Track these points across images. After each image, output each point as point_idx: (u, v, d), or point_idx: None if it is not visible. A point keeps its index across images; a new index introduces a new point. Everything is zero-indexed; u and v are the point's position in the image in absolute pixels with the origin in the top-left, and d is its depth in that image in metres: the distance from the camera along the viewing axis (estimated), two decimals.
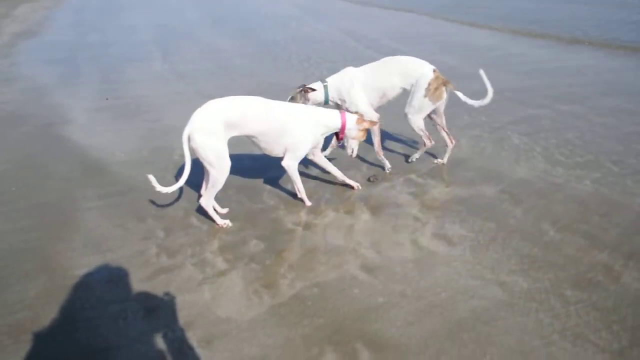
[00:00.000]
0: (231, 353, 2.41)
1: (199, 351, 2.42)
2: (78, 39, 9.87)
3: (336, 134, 3.67)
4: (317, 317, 2.62)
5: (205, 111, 3.26)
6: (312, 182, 4.04)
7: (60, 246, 3.29)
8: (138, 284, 2.91)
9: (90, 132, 5.25)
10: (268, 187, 3.99)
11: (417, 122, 4.00)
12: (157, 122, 5.53)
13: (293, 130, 3.43)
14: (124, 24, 11.18)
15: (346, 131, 3.61)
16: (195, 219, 3.55)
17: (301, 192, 3.68)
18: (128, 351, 2.43)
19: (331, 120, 3.55)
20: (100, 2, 13.69)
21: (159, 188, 3.23)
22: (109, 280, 2.95)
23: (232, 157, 3.37)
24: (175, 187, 3.27)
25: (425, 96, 3.87)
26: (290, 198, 3.81)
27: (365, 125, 3.62)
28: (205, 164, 3.29)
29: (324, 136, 3.65)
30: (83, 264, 3.09)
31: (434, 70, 3.89)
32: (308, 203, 3.71)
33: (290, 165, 3.52)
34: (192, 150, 3.26)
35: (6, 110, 5.95)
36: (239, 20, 11.17)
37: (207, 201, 3.41)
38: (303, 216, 3.58)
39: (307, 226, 3.47)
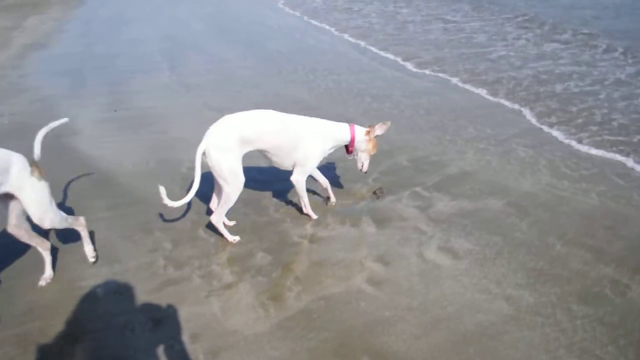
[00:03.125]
0: None
1: None
2: (85, 51, 9.95)
3: (346, 147, 3.67)
4: (324, 330, 2.64)
5: (221, 127, 3.24)
6: (319, 196, 4.06)
7: (69, 257, 3.31)
8: (145, 296, 2.93)
9: (99, 144, 5.28)
10: (274, 200, 4.01)
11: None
12: (164, 133, 5.57)
13: (305, 145, 3.43)
14: (130, 36, 11.27)
15: (356, 144, 3.62)
16: (202, 232, 3.57)
17: (307, 207, 3.70)
18: None
19: (341, 133, 3.56)
20: (108, 13, 13.82)
21: (167, 201, 3.22)
22: (117, 292, 2.97)
23: None
24: (183, 201, 3.25)
25: None
26: (296, 211, 3.83)
27: (377, 131, 3.58)
28: (220, 180, 3.28)
29: (332, 150, 3.67)
30: (91, 275, 3.12)
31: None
32: (314, 217, 3.72)
33: (299, 180, 3.53)
34: (206, 166, 3.26)
35: (16, 122, 5.99)
36: (243, 32, 11.27)
37: (219, 218, 3.38)
38: (309, 229, 3.60)
39: (313, 239, 3.49)
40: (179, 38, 10.93)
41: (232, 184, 3.24)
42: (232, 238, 3.44)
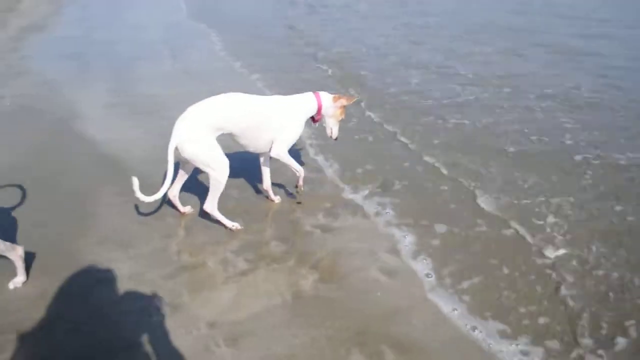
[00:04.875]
0: (258, 351, 2.44)
1: (225, 349, 2.44)
2: (86, 35, 9.85)
3: (312, 117, 3.62)
4: (342, 318, 2.65)
5: (188, 120, 3.18)
6: (329, 187, 4.07)
7: (82, 242, 3.29)
8: (161, 281, 2.92)
9: (105, 128, 5.24)
10: (282, 190, 4.00)
11: None
12: (172, 120, 5.51)
13: (276, 123, 3.41)
14: (131, 22, 11.18)
15: (323, 110, 3.58)
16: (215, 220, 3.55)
17: (300, 172, 3.57)
18: (153, 348, 2.44)
19: (308, 103, 3.53)
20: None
21: (140, 195, 3.15)
22: (131, 277, 2.95)
23: (246, 159, 3.36)
24: (155, 197, 3.17)
25: None
26: (306, 200, 3.82)
27: (343, 102, 3.58)
28: (205, 169, 3.24)
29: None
30: (105, 260, 3.10)
31: None
32: (301, 183, 3.61)
33: (281, 152, 3.46)
34: (184, 159, 3.24)
35: (19, 104, 5.93)
36: (248, 18, 11.23)
37: (212, 205, 3.33)
38: (321, 219, 3.60)
39: (325, 229, 3.49)
40: (180, 25, 10.86)
41: (217, 168, 3.21)
42: (232, 224, 3.40)
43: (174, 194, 3.56)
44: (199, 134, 3.16)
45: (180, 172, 3.50)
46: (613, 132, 5.24)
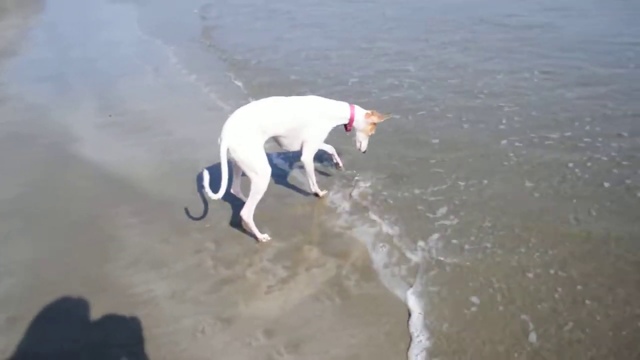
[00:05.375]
0: (320, 355, 2.46)
1: (288, 357, 2.44)
2: (59, 56, 9.56)
3: (345, 125, 3.74)
4: (392, 314, 2.68)
5: (240, 120, 3.24)
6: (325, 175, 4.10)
7: (109, 265, 3.22)
8: (204, 297, 2.90)
9: (103, 150, 5.12)
10: (300, 194, 4.01)
11: None
12: (169, 135, 5.45)
13: (313, 124, 3.53)
14: (104, 40, 10.92)
15: (354, 124, 3.70)
16: (242, 229, 3.53)
17: (314, 186, 3.79)
18: None
19: (342, 112, 3.65)
20: (72, 19, 13.31)
21: (209, 192, 3.16)
22: (173, 296, 2.92)
23: None
24: (219, 195, 3.16)
25: None
26: (326, 203, 3.84)
27: (375, 119, 3.69)
28: (248, 173, 3.27)
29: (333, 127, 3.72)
30: (140, 281, 3.05)
31: None
32: (321, 193, 3.86)
33: (309, 159, 3.61)
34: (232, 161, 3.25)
35: (7, 132, 5.72)
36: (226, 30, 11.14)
37: (249, 211, 3.34)
38: (348, 219, 3.62)
39: (353, 228, 3.51)
40: (152, 40, 10.67)
41: (261, 174, 3.25)
42: (262, 236, 3.40)
43: (237, 190, 3.72)
44: (252, 135, 3.23)
45: (235, 169, 3.56)
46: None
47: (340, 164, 3.98)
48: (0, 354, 2.54)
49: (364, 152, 3.91)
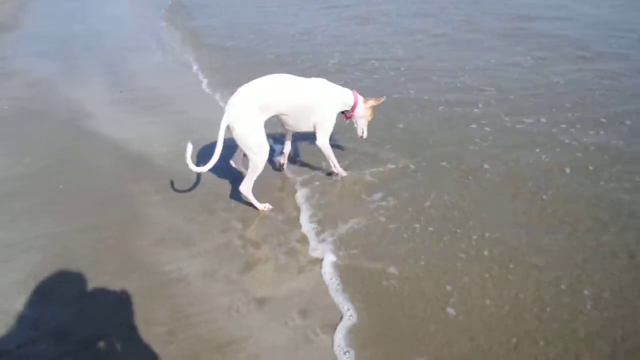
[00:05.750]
0: (354, 334, 2.46)
1: (325, 337, 2.45)
2: (63, 31, 9.41)
3: (344, 112, 3.75)
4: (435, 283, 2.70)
5: (241, 98, 3.26)
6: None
7: (140, 243, 3.22)
8: (236, 276, 2.90)
9: (119, 126, 5.07)
10: (320, 173, 3.99)
11: None
12: (183, 113, 5.40)
13: (323, 106, 3.53)
14: (106, 14, 10.75)
15: (356, 110, 3.71)
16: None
17: (337, 167, 3.80)
18: (256, 342, 2.43)
19: (347, 97, 3.66)
20: None
21: (190, 164, 3.21)
22: (205, 275, 2.91)
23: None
24: (204, 168, 3.26)
25: None
26: (345, 181, 3.84)
27: (372, 102, 3.72)
28: (246, 150, 3.32)
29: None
30: (169, 259, 3.05)
31: None
32: (344, 174, 3.85)
33: (324, 142, 3.65)
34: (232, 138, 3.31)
35: (18, 107, 5.65)
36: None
37: (248, 186, 3.42)
38: (377, 197, 3.60)
39: (383, 208, 3.48)
40: (153, 16, 10.48)
41: (258, 152, 3.30)
42: (262, 206, 3.49)
43: (238, 165, 3.76)
44: (252, 113, 3.25)
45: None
46: None
47: (284, 165, 3.95)
48: (32, 331, 2.54)
49: (364, 139, 3.91)
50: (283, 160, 3.96)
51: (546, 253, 2.97)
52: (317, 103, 3.50)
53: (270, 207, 3.52)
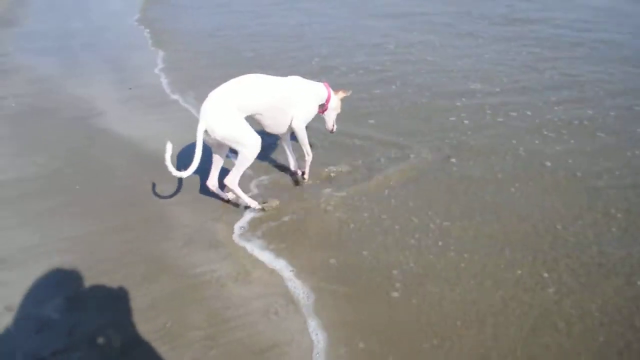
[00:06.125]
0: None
1: (364, 346, 2.40)
2: (61, 26, 9.24)
3: (320, 106, 3.68)
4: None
5: (214, 100, 3.15)
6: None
7: (166, 245, 3.14)
8: (268, 277, 2.84)
9: (130, 123, 4.96)
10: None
11: None
12: (192, 110, 5.30)
13: (299, 103, 3.46)
14: (106, 9, 10.58)
15: (329, 102, 3.65)
16: (292, 209, 3.46)
17: (309, 157, 3.65)
18: (298, 345, 2.38)
19: (321, 91, 3.60)
20: None
21: (171, 168, 3.12)
22: (237, 278, 2.85)
23: None
24: (183, 174, 3.15)
25: None
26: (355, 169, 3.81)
27: (342, 94, 3.71)
28: (237, 147, 3.22)
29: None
30: (201, 261, 2.98)
31: None
32: (306, 177, 3.72)
33: (300, 125, 3.50)
34: (215, 141, 3.21)
35: (25, 104, 5.51)
36: None
37: (234, 179, 3.29)
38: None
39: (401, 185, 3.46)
40: (154, 11, 10.33)
41: (248, 144, 3.19)
42: (254, 203, 3.39)
43: (213, 184, 3.51)
44: (228, 113, 3.14)
45: (215, 158, 3.46)
46: None
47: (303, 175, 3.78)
48: (66, 338, 2.46)
49: (333, 132, 3.87)
50: (299, 171, 3.81)
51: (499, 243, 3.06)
52: (292, 100, 3.42)
53: (259, 205, 3.39)
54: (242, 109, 3.21)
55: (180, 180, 3.81)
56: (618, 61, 6.26)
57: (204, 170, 3.78)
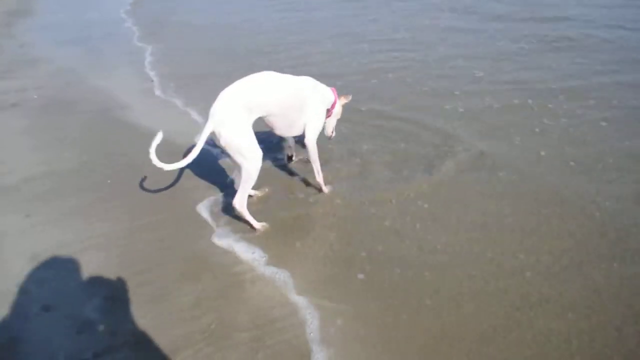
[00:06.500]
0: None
1: None
2: (79, 17, 9.19)
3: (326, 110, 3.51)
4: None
5: (224, 102, 2.91)
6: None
7: (203, 242, 3.05)
8: (314, 276, 2.74)
9: (155, 117, 4.87)
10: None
11: None
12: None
13: (311, 103, 3.26)
14: (122, 1, 10.49)
15: (335, 107, 3.50)
16: (330, 210, 3.37)
17: (319, 174, 3.43)
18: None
19: (329, 94, 3.43)
20: None
21: (154, 159, 2.91)
22: (279, 275, 2.74)
23: None
24: (170, 167, 2.94)
25: None
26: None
27: (343, 100, 3.55)
28: (238, 158, 2.95)
29: None
30: (240, 259, 2.89)
31: None
32: (326, 190, 3.48)
33: (313, 140, 3.30)
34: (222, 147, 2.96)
35: (47, 97, 5.45)
36: None
37: (242, 201, 3.04)
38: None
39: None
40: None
41: (251, 158, 2.96)
42: (259, 225, 3.13)
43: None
44: (237, 117, 2.91)
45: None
46: None
47: (293, 157, 3.76)
48: (108, 338, 2.39)
49: (331, 139, 3.75)
50: (290, 152, 3.72)
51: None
52: (306, 100, 3.22)
53: (267, 225, 3.14)
54: (255, 109, 3.00)
55: (212, 176, 3.72)
56: None
57: (228, 166, 3.69)
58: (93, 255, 2.96)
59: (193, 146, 2.97)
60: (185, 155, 2.98)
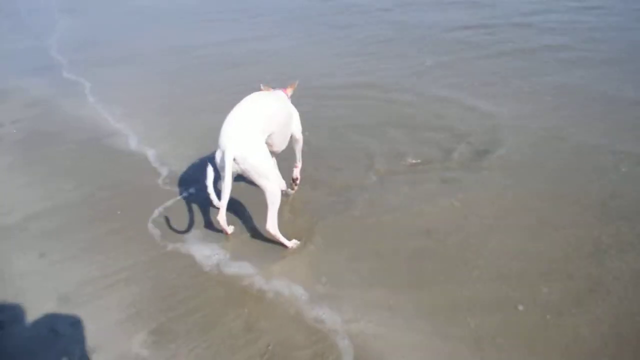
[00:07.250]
0: None
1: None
2: (41, 44, 8.84)
3: None
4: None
5: (243, 126, 2.86)
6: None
7: (235, 264, 3.00)
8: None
9: (146, 141, 4.73)
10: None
11: None
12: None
13: (293, 112, 3.42)
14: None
15: None
16: (354, 217, 3.39)
17: (300, 162, 3.57)
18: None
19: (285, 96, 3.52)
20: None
21: (215, 200, 2.90)
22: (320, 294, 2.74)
23: None
24: (224, 203, 2.87)
25: None
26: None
27: (290, 92, 3.59)
28: (262, 181, 2.89)
29: None
30: (272, 287, 2.82)
31: None
32: (291, 192, 3.59)
33: (300, 134, 3.45)
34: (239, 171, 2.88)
35: (25, 130, 5.20)
36: None
37: (274, 223, 2.98)
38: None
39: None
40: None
41: (274, 179, 2.96)
42: (292, 244, 3.10)
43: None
44: (257, 139, 2.88)
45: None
46: None
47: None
48: None
49: None
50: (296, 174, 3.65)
51: None
52: (290, 110, 3.34)
53: (298, 242, 3.11)
54: (266, 130, 2.99)
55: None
56: None
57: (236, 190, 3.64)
58: (124, 289, 2.86)
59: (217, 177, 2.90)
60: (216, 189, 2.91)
